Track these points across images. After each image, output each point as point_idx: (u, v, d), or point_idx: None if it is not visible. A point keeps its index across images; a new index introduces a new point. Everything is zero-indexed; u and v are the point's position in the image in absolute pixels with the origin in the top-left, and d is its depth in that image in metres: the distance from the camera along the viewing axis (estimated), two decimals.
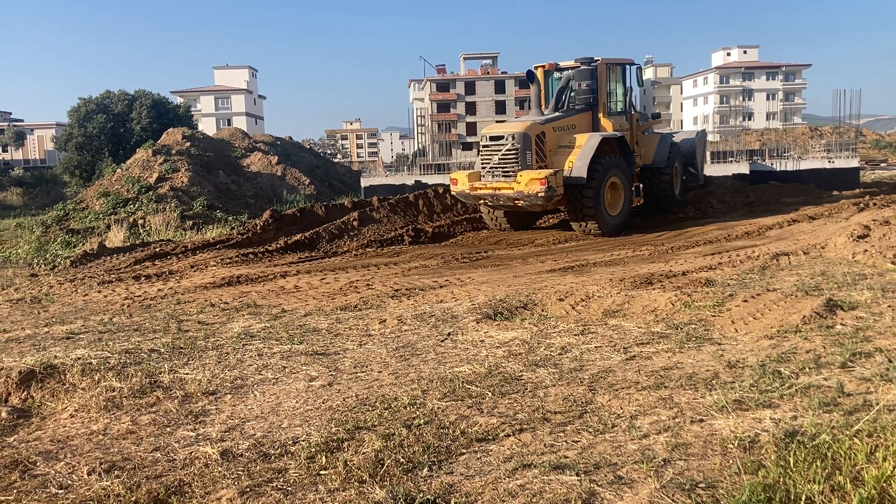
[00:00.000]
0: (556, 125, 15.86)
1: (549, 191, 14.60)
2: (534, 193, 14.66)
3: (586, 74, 16.52)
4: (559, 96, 16.85)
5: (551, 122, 15.78)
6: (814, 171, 26.33)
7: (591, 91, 16.57)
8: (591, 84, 16.50)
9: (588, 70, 16.49)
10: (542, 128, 15.48)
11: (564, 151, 15.53)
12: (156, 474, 4.22)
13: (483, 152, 15.78)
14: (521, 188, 14.81)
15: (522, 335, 7.04)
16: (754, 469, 3.88)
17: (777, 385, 5.19)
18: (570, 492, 3.75)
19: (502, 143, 15.30)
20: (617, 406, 5.00)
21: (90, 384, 5.86)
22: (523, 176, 14.81)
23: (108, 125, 52.49)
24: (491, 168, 15.51)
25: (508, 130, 15.43)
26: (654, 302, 8.00)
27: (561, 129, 15.93)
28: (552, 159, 15.52)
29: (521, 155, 15.10)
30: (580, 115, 16.49)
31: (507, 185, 15.14)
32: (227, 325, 8.07)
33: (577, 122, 16.37)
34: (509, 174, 15.18)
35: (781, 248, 11.76)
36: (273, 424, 4.98)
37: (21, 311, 9.40)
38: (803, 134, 52.63)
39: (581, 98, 16.64)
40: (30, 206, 40.06)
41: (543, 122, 15.59)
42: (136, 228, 21.13)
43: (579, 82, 16.57)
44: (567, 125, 16.11)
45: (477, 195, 15.85)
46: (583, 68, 16.54)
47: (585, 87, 16.51)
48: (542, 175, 14.63)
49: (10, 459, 4.49)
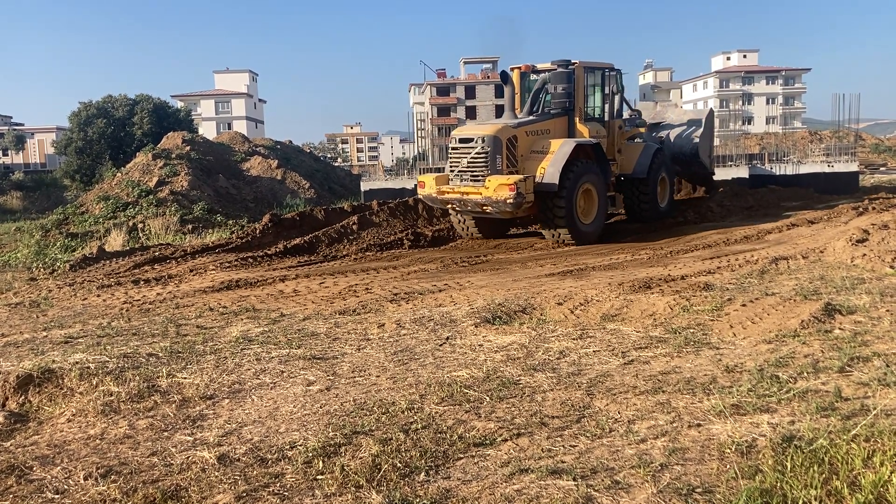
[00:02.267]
0: (530, 129, 15.24)
1: (518, 197, 13.88)
2: (502, 199, 13.97)
3: (562, 77, 15.77)
4: (534, 99, 16.26)
5: (524, 125, 15.16)
6: (813, 176, 26.31)
7: (568, 95, 15.79)
8: (567, 88, 15.74)
9: (564, 73, 15.77)
10: (514, 131, 14.83)
11: (537, 157, 14.85)
12: (153, 479, 4.22)
13: (452, 155, 15.19)
14: (489, 193, 14.14)
15: (521, 339, 7.04)
16: (751, 474, 3.87)
17: (775, 390, 5.19)
18: (567, 496, 3.75)
19: (472, 146, 14.67)
20: (615, 410, 5.00)
21: (88, 388, 5.86)
22: (492, 181, 14.16)
23: (109, 129, 52.52)
24: (459, 171, 14.88)
25: (479, 133, 14.77)
26: (653, 306, 8.00)
27: (534, 134, 15.29)
28: (524, 164, 14.84)
29: (491, 159, 14.42)
30: (555, 120, 15.82)
31: (475, 189, 14.48)
32: (225, 330, 8.07)
33: (551, 126, 15.71)
34: (478, 178, 14.53)
35: (780, 253, 11.76)
36: (270, 429, 4.98)
37: (20, 315, 9.39)
38: (803, 138, 52.62)
39: (557, 102, 15.89)
40: (30, 210, 40.08)
41: (516, 126, 14.95)
42: (135, 232, 21.13)
43: (555, 85, 15.80)
44: (541, 129, 15.48)
45: (444, 199, 15.23)
46: (559, 71, 15.81)
47: (561, 90, 15.73)
48: (511, 180, 13.95)
49: (7, 464, 4.49)
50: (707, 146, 20.27)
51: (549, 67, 16.10)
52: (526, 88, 16.80)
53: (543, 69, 16.30)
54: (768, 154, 30.17)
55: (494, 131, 14.55)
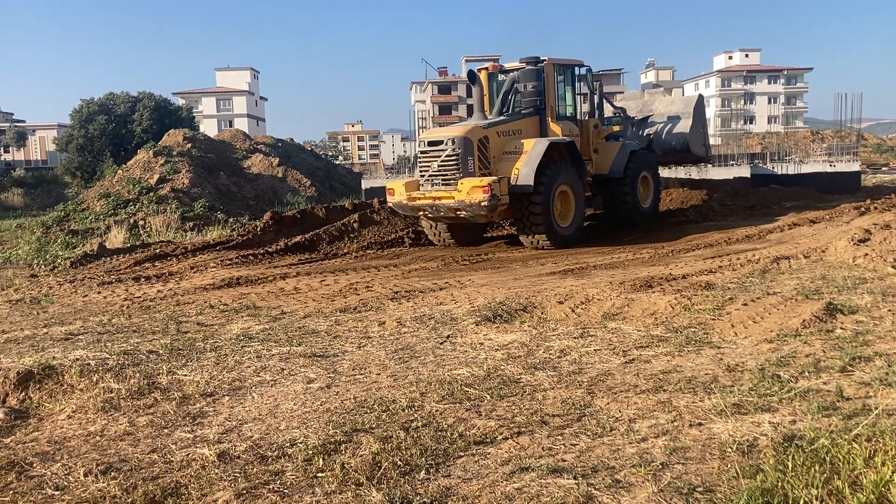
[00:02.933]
0: (501, 129, 14.67)
1: (493, 199, 13.31)
2: (476, 203, 13.35)
3: (532, 75, 15.09)
4: (504, 99, 15.61)
5: (495, 126, 14.59)
6: (815, 175, 26.30)
7: (538, 93, 15.14)
8: (537, 86, 15.08)
9: (534, 70, 15.09)
10: (484, 132, 14.26)
11: (510, 158, 14.32)
12: (153, 476, 4.21)
13: (421, 159, 14.57)
14: (462, 197, 13.50)
15: (521, 338, 7.03)
16: (752, 473, 3.86)
17: (776, 389, 5.18)
18: (567, 495, 3.74)
19: (441, 149, 14.04)
20: (615, 409, 4.99)
21: (88, 385, 5.85)
22: (464, 184, 13.54)
23: (110, 126, 52.50)
24: (430, 176, 14.24)
25: (448, 135, 14.18)
26: (654, 305, 7.98)
27: (506, 134, 14.73)
28: (496, 166, 14.27)
29: (463, 161, 13.83)
30: (527, 120, 15.26)
31: (447, 194, 13.81)
32: (226, 327, 8.06)
33: (523, 126, 15.14)
34: (450, 182, 13.90)
35: (782, 252, 11.74)
36: (271, 426, 4.97)
37: (20, 312, 9.39)
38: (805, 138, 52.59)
39: (527, 101, 15.27)
40: (31, 207, 40.10)
41: (486, 126, 14.41)
42: (136, 229, 21.12)
43: (525, 84, 15.16)
44: (512, 130, 14.93)
45: (415, 206, 14.42)
46: (528, 69, 15.14)
47: (532, 88, 15.09)
48: (484, 182, 13.38)
49: (7, 460, 4.48)
50: (699, 135, 19.63)
51: (518, 66, 15.55)
52: (494, 89, 16.33)
53: (512, 68, 15.80)
54: (770, 153, 30.16)
55: (464, 132, 14.03)
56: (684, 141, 19.01)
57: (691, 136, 19.05)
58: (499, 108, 15.44)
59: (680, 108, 19.60)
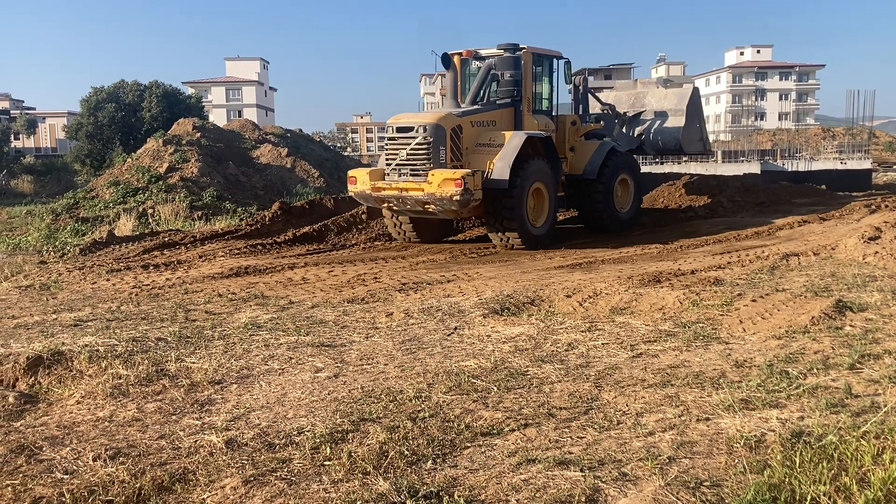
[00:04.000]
0: (475, 119, 13.54)
1: (466, 194, 12.24)
2: (447, 196, 12.28)
3: (510, 63, 13.91)
4: (478, 88, 14.28)
5: (469, 115, 13.46)
6: (826, 173, 26.23)
7: (515, 83, 13.98)
8: (514, 75, 13.92)
9: (512, 58, 13.92)
10: (458, 120, 13.13)
11: (483, 150, 13.23)
12: (161, 462, 4.24)
13: (389, 146, 13.42)
14: (432, 189, 12.40)
15: (529, 331, 7.03)
16: (760, 468, 3.86)
17: (784, 385, 5.17)
18: (574, 487, 3.74)
19: (412, 136, 12.90)
20: (623, 403, 4.99)
21: (97, 371, 5.88)
22: (436, 175, 12.43)
23: (120, 115, 52.60)
24: (398, 165, 13.07)
25: (420, 121, 13.08)
26: (662, 300, 7.97)
27: (479, 125, 13.59)
28: (469, 158, 13.18)
29: (434, 150, 12.73)
30: (501, 111, 14.11)
31: (415, 185, 12.71)
32: (234, 316, 8.09)
33: (497, 117, 13.99)
34: (419, 173, 12.78)
35: (791, 249, 11.70)
36: (278, 415, 4.99)
37: (30, 298, 9.44)
38: (815, 135, 52.35)
39: (504, 90, 14.08)
40: (40, 194, 40.25)
41: (461, 115, 13.30)
42: (145, 218, 21.19)
43: (502, 72, 13.97)
44: (486, 120, 13.78)
45: (380, 197, 13.24)
46: (506, 56, 13.96)
47: (509, 77, 13.93)
48: (457, 175, 12.29)
49: (17, 444, 4.51)
50: (694, 131, 18.48)
51: (495, 53, 14.39)
52: (467, 75, 15.14)
53: (488, 55, 14.58)
54: (780, 150, 30.04)
55: (437, 119, 12.97)
56: (677, 140, 17.90)
57: (685, 133, 17.91)
58: (472, 96, 14.25)
59: (673, 103, 18.39)
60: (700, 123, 18.93)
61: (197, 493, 3.84)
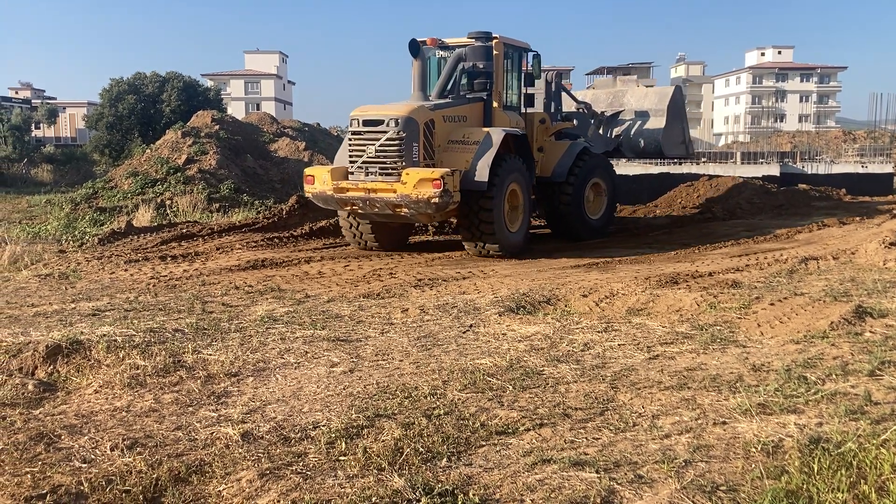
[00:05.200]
0: (447, 114, 12.26)
1: (445, 196, 10.98)
2: (424, 199, 11.00)
3: (481, 53, 12.69)
4: (446, 80, 12.90)
5: (441, 108, 12.18)
6: (846, 176, 25.94)
7: (487, 75, 12.79)
8: (487, 66, 12.73)
9: (484, 48, 12.71)
10: (431, 114, 11.85)
11: (457, 148, 12.02)
12: (177, 453, 4.26)
13: (353, 142, 11.84)
14: (406, 191, 11.09)
15: (545, 330, 7.01)
16: (777, 474, 3.83)
17: (802, 390, 5.13)
18: (589, 489, 3.73)
19: (381, 131, 11.48)
20: (639, 405, 4.97)
21: (115, 361, 5.93)
22: (411, 175, 11.12)
23: (139, 106, 52.89)
24: (365, 163, 11.61)
25: (391, 113, 11.58)
26: (680, 302, 7.93)
27: (451, 120, 12.31)
28: (441, 157, 11.92)
29: (407, 147, 11.38)
30: (471, 105, 12.84)
31: (386, 185, 11.31)
32: (250, 308, 8.12)
33: (468, 112, 12.74)
34: (390, 172, 11.38)
35: (810, 253, 11.60)
36: (294, 408, 5.01)
37: (49, 287, 9.52)
38: (836, 137, 51.80)
39: (477, 83, 12.86)
40: (60, 183, 40.52)
41: (433, 108, 12.01)
42: (163, 209, 21.28)
43: (474, 63, 12.73)
44: (458, 115, 12.51)
45: (344, 199, 11.73)
46: (478, 45, 12.71)
47: (482, 68, 12.73)
48: (436, 174, 11.04)
49: (36, 431, 4.56)
50: (676, 133, 17.20)
51: (464, 42, 13.09)
52: (431, 67, 13.64)
53: (456, 44, 13.23)
54: (800, 152, 29.78)
55: (409, 112, 11.57)
56: (656, 142, 16.68)
57: (665, 135, 16.67)
58: (440, 89, 12.86)
59: (654, 103, 17.11)
60: (683, 125, 17.79)
61: (213, 485, 3.87)
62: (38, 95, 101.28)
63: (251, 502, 3.69)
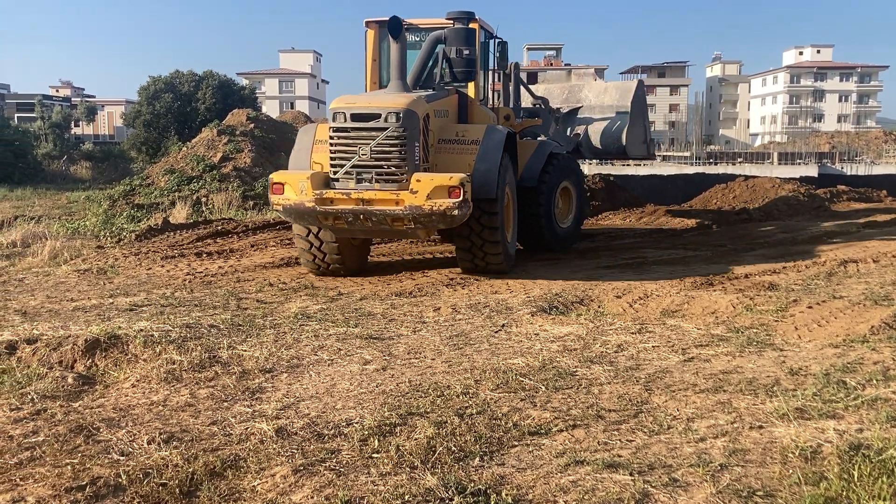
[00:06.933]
0: (437, 107, 10.15)
1: (464, 206, 8.94)
2: (440, 211, 8.83)
3: (463, 38, 10.55)
4: (422, 67, 10.80)
5: (433, 101, 9.97)
6: (887, 177, 25.44)
7: (469, 62, 10.65)
8: (469, 53, 10.62)
9: (465, 32, 10.61)
10: (427, 107, 9.69)
11: (452, 149, 9.97)
12: (213, 447, 4.31)
13: (339, 140, 9.28)
14: (416, 201, 8.86)
15: (578, 331, 6.97)
16: (816, 480, 3.77)
17: (842, 395, 5.03)
18: (623, 491, 3.70)
19: (377, 127, 9.11)
20: (673, 407, 4.91)
21: (152, 356, 6.01)
22: (423, 181, 8.92)
23: (175, 104, 53.71)
24: (355, 167, 9.15)
25: (389, 105, 9.21)
26: (715, 303, 7.84)
27: (440, 115, 10.24)
28: (435, 159, 9.84)
29: (409, 147, 9.14)
30: (451, 98, 10.84)
31: (388, 195, 8.97)
32: (284, 305, 8.19)
33: (449, 106, 10.74)
34: (390, 178, 9.08)
35: (850, 255, 11.38)
36: (327, 405, 5.04)
37: (88, 282, 9.69)
38: (877, 138, 50.79)
39: (459, 72, 10.68)
40: (98, 180, 41.23)
41: (428, 100, 9.84)
42: (199, 206, 21.55)
43: (455, 48, 10.58)
44: (443, 110, 10.46)
45: (329, 212, 9.10)
46: (458, 28, 10.62)
47: (466, 55, 10.59)
48: (454, 181, 8.90)
49: (76, 424, 4.64)
50: (639, 132, 15.75)
51: (441, 24, 11.08)
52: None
53: (428, 26, 11.27)
54: (839, 153, 29.27)
55: (409, 103, 9.27)
56: (621, 144, 15.15)
57: (629, 135, 15.15)
58: (415, 78, 10.71)
59: (615, 99, 15.55)
60: (645, 123, 16.28)
61: (248, 480, 3.90)
62: (77, 93, 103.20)
63: (285, 497, 3.72)
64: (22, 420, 4.72)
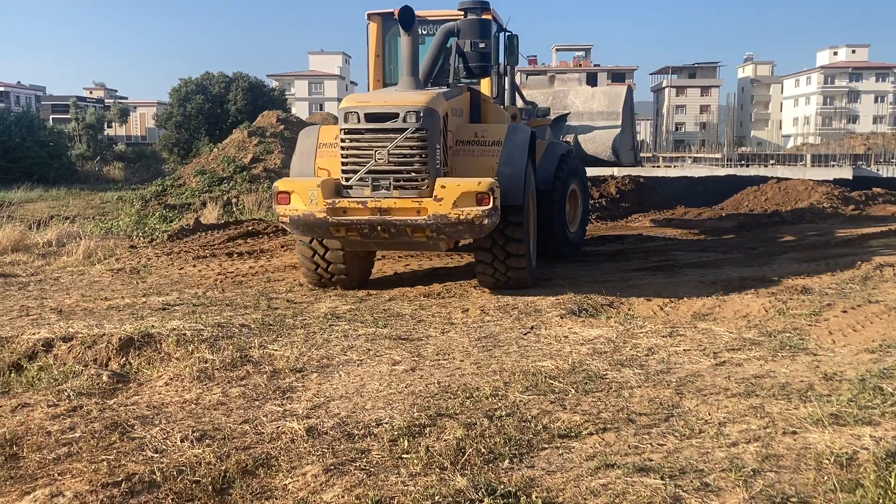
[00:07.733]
0: (454, 105, 9.25)
1: (494, 214, 8.07)
2: (467, 220, 7.98)
3: (478, 30, 9.74)
4: (433, 61, 9.93)
5: (450, 99, 9.06)
6: None
7: (484, 56, 9.85)
8: (485, 46, 9.80)
9: (479, 23, 9.80)
10: (446, 105, 8.75)
11: (472, 151, 9.06)
12: (244, 446, 4.36)
13: (351, 143, 8.29)
14: (442, 210, 7.98)
15: (608, 333, 6.93)
16: (851, 488, 3.71)
17: (878, 402, 4.95)
18: (654, 495, 3.68)
19: (396, 127, 8.16)
20: (705, 412, 4.87)
21: (184, 355, 6.09)
22: (448, 187, 8.05)
23: (206, 105, 54.41)
24: (371, 172, 8.20)
25: (408, 104, 8.27)
26: (747, 307, 7.75)
27: (456, 115, 9.32)
28: (454, 162, 8.92)
29: (430, 149, 8.23)
30: (465, 96, 9.98)
31: (410, 204, 8.08)
32: (314, 305, 8.25)
33: (464, 105, 9.90)
34: (410, 185, 8.19)
35: (886, 259, 11.17)
36: (357, 405, 5.06)
37: (121, 281, 9.84)
38: None
39: (475, 66, 9.89)
40: (130, 181, 41.89)
41: (447, 97, 8.97)
42: (229, 206, 21.82)
43: (469, 41, 9.76)
44: (458, 108, 9.55)
45: (343, 223, 8.19)
46: (472, 19, 9.82)
47: (482, 48, 9.77)
48: (483, 186, 8.04)
49: (111, 421, 4.72)
50: (628, 140, 15.22)
51: (452, 15, 10.33)
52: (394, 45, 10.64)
53: (437, 18, 10.53)
54: (874, 155, 28.78)
55: (427, 101, 8.31)
56: (615, 150, 14.46)
57: (622, 142, 14.57)
58: (426, 74, 9.73)
59: (604, 105, 14.98)
60: (633, 130, 15.79)
61: (279, 479, 3.94)
62: (110, 95, 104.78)
63: (316, 496, 3.75)
64: (59, 416, 4.81)
